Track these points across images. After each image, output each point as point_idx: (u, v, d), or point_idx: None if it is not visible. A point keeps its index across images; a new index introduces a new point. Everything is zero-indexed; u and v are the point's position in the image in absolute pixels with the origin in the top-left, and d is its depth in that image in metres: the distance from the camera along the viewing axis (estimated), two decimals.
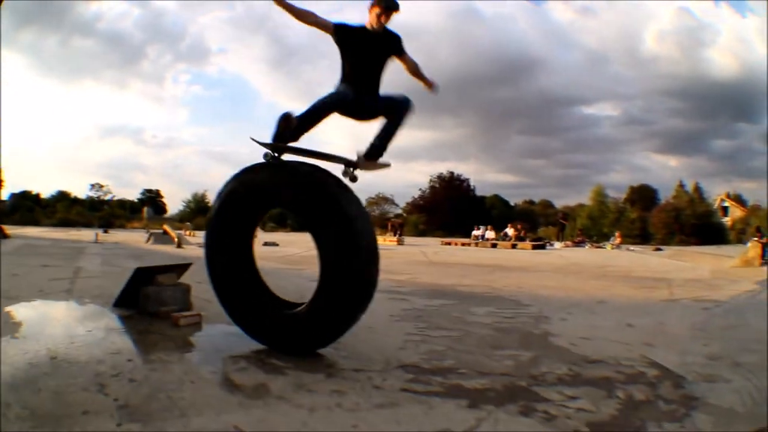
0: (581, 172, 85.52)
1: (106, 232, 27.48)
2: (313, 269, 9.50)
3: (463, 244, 26.50)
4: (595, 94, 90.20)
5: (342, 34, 4.21)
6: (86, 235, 21.13)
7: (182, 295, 4.82)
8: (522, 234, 28.51)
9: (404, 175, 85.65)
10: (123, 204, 62.01)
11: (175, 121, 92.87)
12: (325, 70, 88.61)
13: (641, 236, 37.73)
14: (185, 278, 5.26)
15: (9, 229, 23.63)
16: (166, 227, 20.58)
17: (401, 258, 14.64)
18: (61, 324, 4.31)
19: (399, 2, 4.19)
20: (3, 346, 3.35)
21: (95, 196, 63.09)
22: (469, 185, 54.97)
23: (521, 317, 5.32)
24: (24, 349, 3.34)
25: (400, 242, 25.84)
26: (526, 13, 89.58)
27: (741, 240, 31.39)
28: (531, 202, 69.92)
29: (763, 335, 4.50)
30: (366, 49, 4.27)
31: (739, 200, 56.32)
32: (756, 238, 15.07)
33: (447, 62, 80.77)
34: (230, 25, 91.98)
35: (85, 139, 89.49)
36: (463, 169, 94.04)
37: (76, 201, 58.31)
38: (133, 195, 71.93)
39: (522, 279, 9.32)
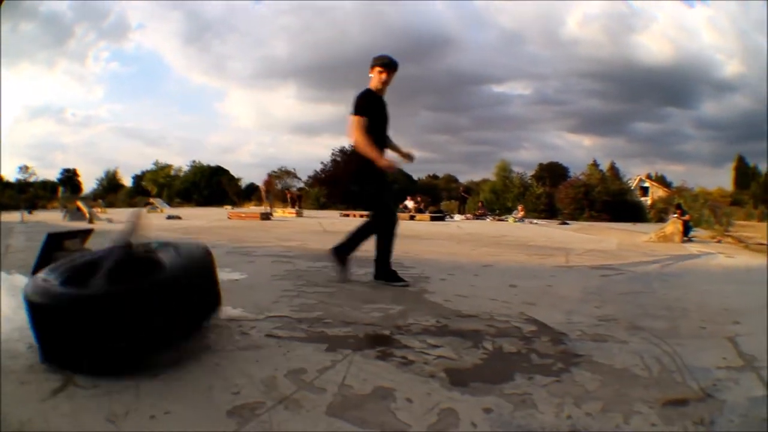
0: (489, 149, 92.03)
1: (30, 213, 27.98)
2: (211, 239, 10.16)
3: (361, 216, 26.20)
4: (507, 73, 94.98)
5: (372, 110, 4.88)
6: (14, 217, 20.87)
7: None
8: (422, 206, 28.79)
9: (307, 149, 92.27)
10: (45, 185, 61.08)
11: (93, 98, 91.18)
12: (234, 43, 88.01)
13: (547, 211, 37.57)
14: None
15: None
16: (80, 204, 20.99)
17: (297, 228, 15.17)
18: None
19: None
20: None
21: (23, 178, 62.46)
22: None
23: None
24: None
25: (298, 214, 26.07)
26: None
27: (662, 219, 29.93)
28: (435, 177, 71.81)
29: (671, 303, 4.41)
30: (383, 115, 5.04)
31: (662, 181, 58.39)
32: (676, 215, 14.47)
33: (357, 38, 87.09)
34: (151, 1, 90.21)
35: (16, 122, 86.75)
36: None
37: (8, 185, 57.16)
38: (53, 175, 70.76)
39: (412, 246, 9.39)
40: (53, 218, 20.26)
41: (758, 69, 70.42)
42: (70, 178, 69.13)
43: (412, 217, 25.22)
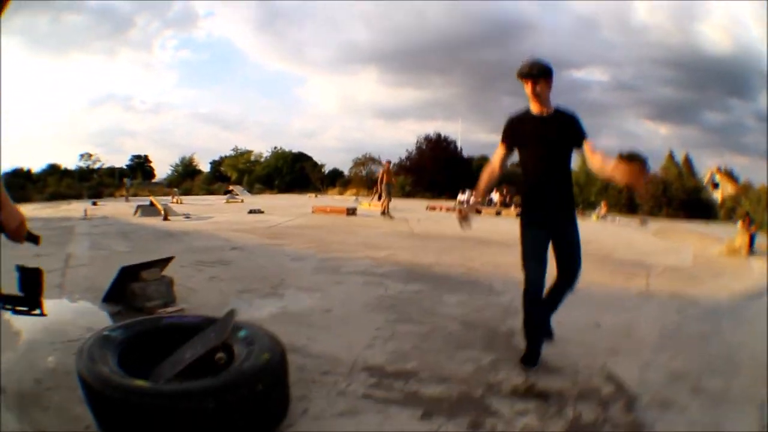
0: None
1: (95, 204, 27.43)
2: (296, 245, 9.83)
3: (447, 209, 26.34)
4: (584, 59, 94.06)
5: (510, 137, 3.94)
6: (76, 209, 21.05)
7: (166, 289, 5.23)
8: (507, 199, 28.55)
9: (392, 134, 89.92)
10: (112, 172, 61.63)
11: (164, 85, 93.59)
12: (311, 30, 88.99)
13: (628, 206, 38.17)
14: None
15: None
16: (153, 199, 21.02)
17: (384, 228, 14.84)
18: (58, 329, 4.50)
19: (543, 64, 3.75)
20: (4, 360, 3.54)
21: (84, 165, 63.60)
22: (456, 147, 55.35)
23: (491, 308, 5.58)
24: (27, 361, 3.64)
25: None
26: None
27: (731, 217, 31.59)
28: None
29: (732, 351, 4.50)
30: (531, 140, 3.80)
31: (730, 175, 56.07)
32: (744, 224, 14.50)
33: (436, 22, 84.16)
34: None
35: (78, 111, 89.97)
36: (452, 129, 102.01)
37: (66, 173, 58.35)
38: (122, 162, 72.57)
39: (500, 257, 9.31)
40: (122, 212, 20.31)
41: None
42: (141, 164, 71.29)
43: (498, 213, 25.19)
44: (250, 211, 19.50)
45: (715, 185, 52.89)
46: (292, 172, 62.63)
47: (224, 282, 6.48)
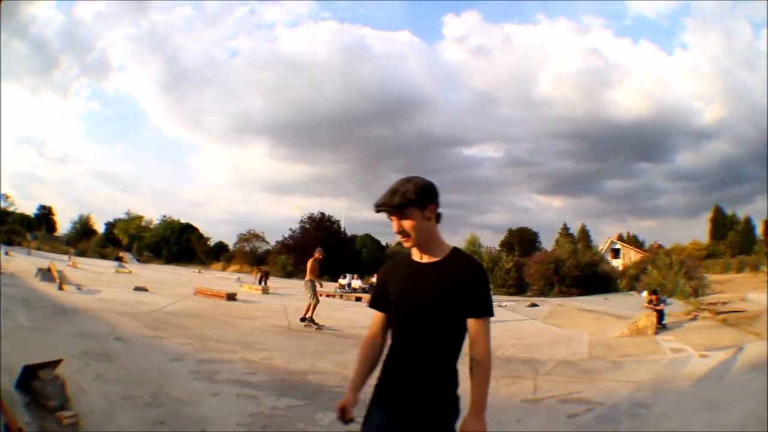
0: (458, 213, 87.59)
1: (7, 254, 28.36)
2: (176, 339, 10.53)
3: (327, 296, 26.63)
4: (478, 136, 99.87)
5: (379, 292, 2.93)
6: None
7: (60, 390, 5.69)
8: None
9: (278, 209, 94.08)
10: (23, 219, 63.01)
11: (73, 135, 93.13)
12: (210, 96, 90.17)
13: (517, 286, 39.50)
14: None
15: None
16: (51, 265, 21.21)
17: (261, 320, 14.98)
18: None
19: (405, 190, 2.64)
20: None
21: (3, 206, 62.57)
22: (339, 227, 58.24)
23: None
24: None
25: (264, 291, 26.28)
26: (416, 51, 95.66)
27: (633, 287, 33.51)
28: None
29: None
30: (396, 298, 2.77)
31: (635, 242, 59.03)
32: (650, 305, 14.27)
33: (332, 97, 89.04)
34: (133, 43, 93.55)
35: (3, 146, 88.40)
36: (337, 206, 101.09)
37: None
38: (30, 209, 72.21)
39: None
40: (25, 270, 20.84)
41: (742, 107, 75.33)
42: (46, 216, 71.04)
43: (358, 299, 26.02)
44: (136, 288, 19.89)
45: (616, 252, 56.10)
46: (179, 243, 64.05)
47: (108, 384, 6.85)
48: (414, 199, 2.60)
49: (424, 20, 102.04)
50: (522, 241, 58.99)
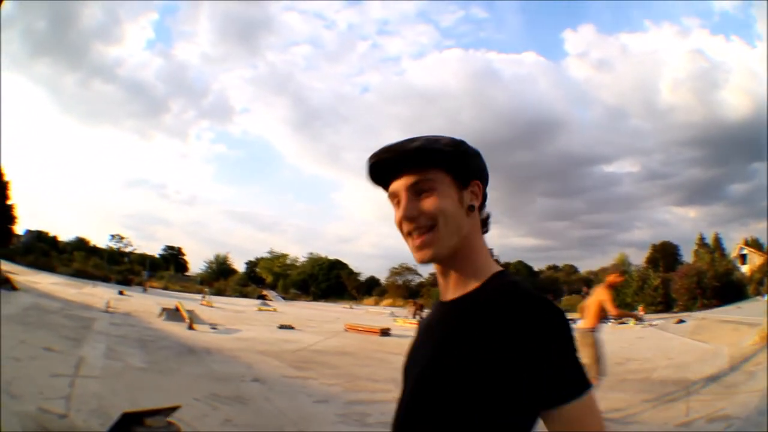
0: (604, 232, 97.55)
1: (121, 293, 28.43)
2: (322, 379, 9.83)
3: None
4: (614, 151, 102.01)
5: None
6: (100, 295, 21.65)
7: None
8: None
9: None
10: (143, 259, 65.08)
11: (199, 178, 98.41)
12: (346, 134, 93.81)
13: (664, 302, 40.24)
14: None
15: (20, 275, 24.37)
16: (179, 305, 21.29)
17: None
18: None
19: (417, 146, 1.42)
20: None
21: (116, 247, 66.77)
22: (492, 255, 57.66)
23: None
24: None
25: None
26: (543, 71, 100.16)
27: (759, 292, 34.03)
28: (555, 268, 74.14)
29: None
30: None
31: (756, 245, 57.53)
32: None
33: (470, 125, 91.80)
34: (253, 85, 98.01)
35: (107, 187, 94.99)
36: (488, 234, 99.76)
37: (94, 251, 61.53)
38: (154, 249, 77.20)
39: None
40: (147, 310, 20.97)
41: None
42: (174, 256, 75.05)
43: None
44: (281, 327, 19.65)
45: (743, 258, 54.08)
46: (328, 279, 65.29)
47: (238, 429, 6.45)
48: (450, 154, 1.37)
49: (544, 38, 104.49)
50: (665, 255, 58.53)
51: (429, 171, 1.34)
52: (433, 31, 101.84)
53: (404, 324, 25.39)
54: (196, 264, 75.51)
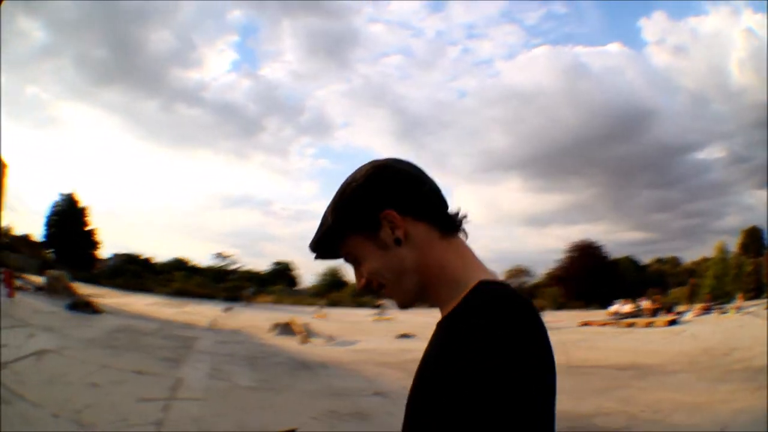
0: (700, 221, 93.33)
1: (228, 310, 28.81)
2: None
3: (601, 324, 27.72)
4: (702, 138, 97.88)
5: None
6: (204, 313, 21.50)
7: None
8: (658, 305, 31.25)
9: (538, 241, 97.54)
10: (250, 275, 67.39)
11: (304, 193, 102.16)
12: (450, 140, 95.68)
13: (755, 289, 39.50)
14: None
15: (108, 298, 24.63)
16: (292, 321, 20.79)
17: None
18: None
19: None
20: None
21: (220, 265, 68.42)
22: (602, 252, 59.57)
23: None
24: None
25: None
26: (628, 61, 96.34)
27: None
28: (660, 261, 75.86)
29: None
30: None
31: None
32: None
33: (568, 122, 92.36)
34: (349, 98, 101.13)
35: (205, 208, 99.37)
36: (595, 231, 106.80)
37: (195, 270, 63.57)
38: (262, 266, 79.44)
39: (654, 394, 9.38)
40: (257, 326, 20.76)
41: None
42: (283, 271, 76.82)
43: (649, 324, 25.82)
44: (400, 336, 19.17)
45: None
46: None
47: None
48: (336, 223, 1.26)
49: (623, 28, 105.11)
50: (753, 240, 57.60)
51: (341, 247, 1.29)
52: (519, 30, 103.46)
53: None
54: (308, 278, 77.63)
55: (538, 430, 0.92)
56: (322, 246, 1.30)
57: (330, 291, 64.30)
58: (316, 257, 1.34)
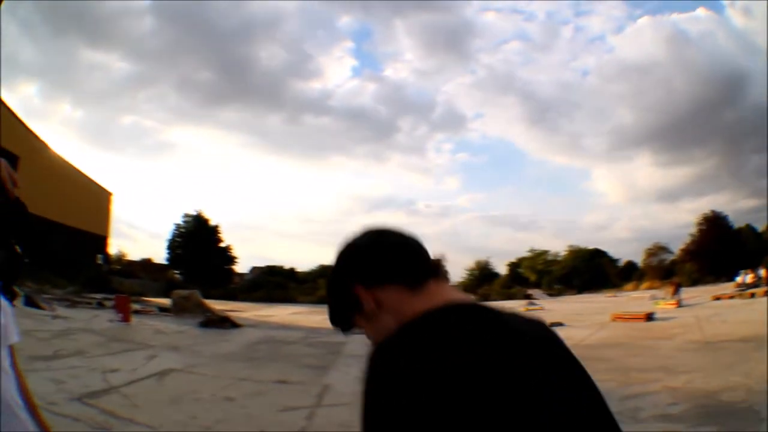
0: None
1: None
2: (596, 376, 8.89)
3: (729, 297, 27.48)
4: None
5: None
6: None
7: None
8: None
9: (674, 217, 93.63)
10: None
11: (446, 189, 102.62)
12: (584, 120, 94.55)
13: None
14: None
15: (247, 312, 25.43)
16: None
17: (678, 338, 14.93)
18: None
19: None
20: None
21: None
22: (727, 222, 59.88)
23: None
24: None
25: (678, 304, 26.27)
26: (715, 25, 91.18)
27: None
28: None
29: None
30: None
31: None
32: None
33: (685, 92, 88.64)
34: (477, 89, 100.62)
35: (347, 213, 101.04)
36: (720, 201, 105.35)
37: None
38: None
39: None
40: None
41: None
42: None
43: (752, 296, 25.93)
44: (550, 325, 18.29)
45: None
46: (590, 270, 66.75)
47: None
48: (335, 303, 1.49)
49: None
50: None
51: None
52: (621, 3, 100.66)
53: (664, 306, 26.00)
54: (457, 273, 77.99)
55: None
56: (338, 323, 1.45)
57: (481, 285, 64.83)
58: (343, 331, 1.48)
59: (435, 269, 1.37)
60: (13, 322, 2.05)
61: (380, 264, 1.35)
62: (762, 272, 31.16)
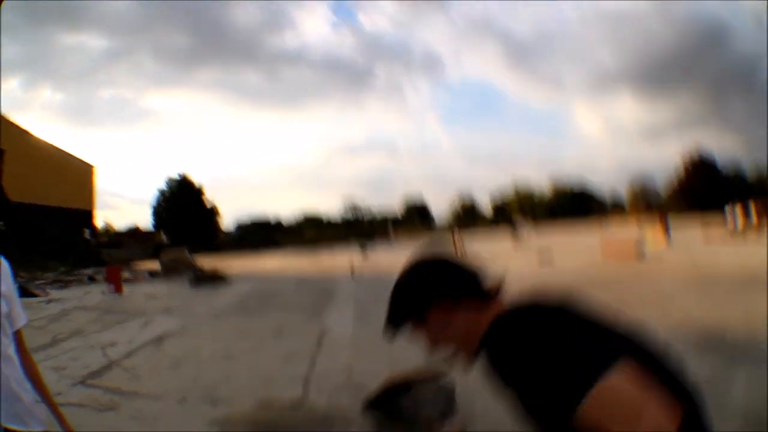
0: None
1: (364, 253, 29.32)
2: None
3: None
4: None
5: None
6: (340, 264, 21.47)
7: (445, 399, 4.58)
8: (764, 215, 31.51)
9: (658, 154, 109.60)
10: (385, 220, 71.54)
11: (427, 129, 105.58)
12: (561, 62, 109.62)
13: None
14: None
15: (236, 263, 25.62)
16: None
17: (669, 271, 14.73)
18: None
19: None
20: None
21: (350, 213, 71.01)
22: (711, 160, 62.75)
23: None
24: None
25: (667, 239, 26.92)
26: None
27: None
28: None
29: None
30: None
31: None
32: None
33: (665, 40, 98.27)
34: (453, 33, 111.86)
35: (327, 158, 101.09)
36: (704, 139, 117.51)
37: (326, 224, 66.92)
38: (394, 208, 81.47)
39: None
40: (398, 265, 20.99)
41: None
42: (417, 210, 79.39)
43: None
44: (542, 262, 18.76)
45: None
46: (573, 201, 71.47)
47: None
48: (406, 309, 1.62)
49: None
50: None
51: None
52: None
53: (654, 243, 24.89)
54: (440, 213, 79.17)
55: None
56: (394, 331, 1.60)
57: (463, 221, 66.55)
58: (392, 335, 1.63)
59: (498, 287, 1.51)
60: (18, 305, 2.12)
61: (461, 281, 1.51)
62: (753, 212, 31.91)
